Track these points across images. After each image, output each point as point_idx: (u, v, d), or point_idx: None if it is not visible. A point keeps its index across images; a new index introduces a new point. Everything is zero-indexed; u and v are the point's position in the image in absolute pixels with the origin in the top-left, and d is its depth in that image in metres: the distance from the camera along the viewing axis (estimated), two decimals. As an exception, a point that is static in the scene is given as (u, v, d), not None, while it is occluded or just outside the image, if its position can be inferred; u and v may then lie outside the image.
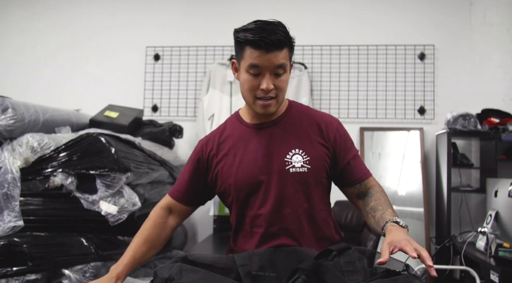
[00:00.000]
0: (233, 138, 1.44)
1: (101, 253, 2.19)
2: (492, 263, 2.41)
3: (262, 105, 1.33)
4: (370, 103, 3.66)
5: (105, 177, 2.20)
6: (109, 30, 3.95)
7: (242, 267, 1.25)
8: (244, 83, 1.33)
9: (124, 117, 3.00)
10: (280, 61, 1.29)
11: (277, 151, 1.38)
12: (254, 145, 1.40)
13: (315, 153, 1.38)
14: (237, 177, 1.38)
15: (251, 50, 1.27)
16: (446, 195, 3.20)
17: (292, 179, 1.35)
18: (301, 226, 1.37)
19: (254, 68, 1.29)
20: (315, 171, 1.37)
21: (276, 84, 1.31)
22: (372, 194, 1.40)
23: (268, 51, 1.26)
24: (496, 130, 3.16)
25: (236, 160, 1.40)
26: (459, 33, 3.63)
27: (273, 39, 1.25)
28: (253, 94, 1.33)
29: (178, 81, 3.82)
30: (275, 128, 1.42)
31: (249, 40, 1.26)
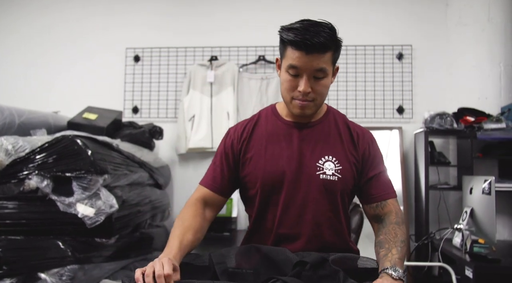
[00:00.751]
0: (266, 130, 1.41)
1: (78, 255, 2.18)
2: (467, 259, 2.46)
3: (299, 105, 1.31)
4: (349, 103, 3.69)
5: (82, 179, 2.18)
6: (89, 31, 3.93)
7: (219, 265, 1.25)
8: (283, 83, 1.32)
9: (103, 119, 2.98)
10: (320, 65, 1.25)
11: (310, 154, 1.36)
12: (287, 142, 1.38)
13: (347, 163, 1.36)
14: (265, 169, 1.35)
15: (292, 50, 1.25)
16: (424, 193, 3.25)
17: (320, 185, 1.33)
18: (321, 234, 1.35)
19: (293, 69, 1.27)
20: (344, 182, 1.35)
21: (315, 88, 1.29)
22: (386, 224, 1.33)
23: (308, 53, 1.23)
24: (472, 129, 3.22)
25: (268, 153, 1.37)
26: (436, 33, 3.69)
27: (314, 41, 1.21)
28: (290, 94, 1.31)
29: (159, 83, 3.81)
30: (311, 131, 1.39)
31: (291, 40, 1.23)
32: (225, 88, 3.65)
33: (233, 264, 1.28)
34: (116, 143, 2.65)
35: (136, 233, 2.75)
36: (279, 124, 1.41)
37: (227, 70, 3.67)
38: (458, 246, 2.72)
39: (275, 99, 3.63)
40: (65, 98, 3.78)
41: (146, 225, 2.90)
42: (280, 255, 1.26)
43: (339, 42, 1.30)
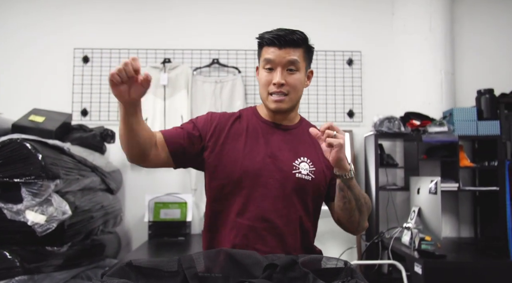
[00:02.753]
0: (247, 126, 1.46)
1: (28, 266, 2.07)
2: (416, 256, 2.58)
3: (274, 100, 1.39)
4: (302, 106, 3.77)
5: (32, 185, 2.08)
6: (35, 30, 3.73)
7: (189, 269, 1.23)
8: (261, 80, 1.42)
9: (51, 122, 2.85)
10: (292, 57, 1.37)
11: (286, 153, 1.42)
12: (266, 140, 1.43)
13: (320, 166, 1.43)
14: (243, 163, 1.38)
15: (267, 48, 1.39)
16: (374, 193, 3.38)
17: (295, 183, 1.39)
18: (295, 230, 1.40)
19: (267, 62, 1.38)
20: (317, 182, 1.42)
21: (288, 81, 1.38)
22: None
23: (281, 47, 1.36)
24: (418, 132, 3.39)
25: (246, 148, 1.41)
26: (383, 40, 3.86)
27: (287, 38, 1.36)
28: (266, 89, 1.40)
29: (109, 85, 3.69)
30: (288, 133, 1.47)
31: (266, 38, 1.38)
32: (179, 91, 3.61)
33: (202, 268, 1.27)
34: (67, 146, 2.54)
35: (88, 240, 2.65)
36: (259, 123, 1.47)
37: (181, 73, 3.63)
38: (407, 244, 2.85)
39: (229, 103, 3.63)
40: (8, 100, 3.57)
41: (98, 231, 2.80)
42: (250, 258, 1.26)
43: (310, 46, 1.44)
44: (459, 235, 3.64)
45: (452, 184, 3.34)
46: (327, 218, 3.84)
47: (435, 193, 2.72)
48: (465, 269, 2.50)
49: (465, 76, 3.86)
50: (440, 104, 3.64)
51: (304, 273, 1.15)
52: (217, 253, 1.30)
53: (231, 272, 1.24)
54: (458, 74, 3.85)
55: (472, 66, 3.88)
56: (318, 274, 1.17)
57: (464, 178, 3.66)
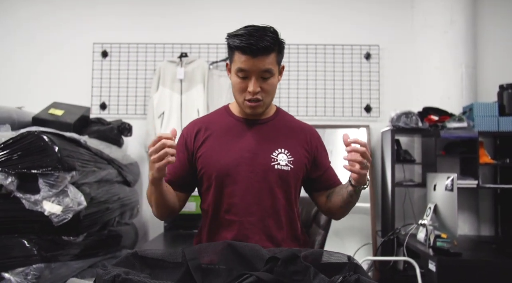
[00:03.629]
0: (220, 126, 1.49)
1: (45, 254, 2.13)
2: (431, 253, 2.55)
3: (250, 106, 1.41)
4: (318, 101, 3.75)
5: (48, 176, 2.14)
6: (55, 26, 3.82)
7: (192, 260, 1.25)
8: (234, 85, 1.42)
9: (69, 115, 2.92)
10: (266, 66, 1.36)
11: (264, 147, 1.45)
12: (241, 137, 1.46)
13: (298, 155, 1.47)
14: (220, 162, 1.42)
15: (239, 55, 1.36)
16: (390, 189, 3.34)
17: (275, 175, 1.42)
18: (280, 220, 1.44)
19: (241, 72, 1.37)
20: (296, 172, 1.46)
21: (263, 87, 1.39)
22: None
23: (254, 56, 1.34)
24: (436, 128, 3.33)
25: (222, 147, 1.44)
26: (402, 34, 3.79)
27: (260, 46, 1.33)
28: (242, 96, 1.41)
29: (127, 79, 3.76)
30: (263, 127, 1.49)
31: (237, 45, 1.35)
32: (195, 85, 3.64)
33: (206, 260, 1.28)
34: (84, 139, 2.60)
35: (105, 231, 2.71)
36: (233, 121, 1.50)
37: (197, 67, 3.65)
38: (422, 241, 2.81)
39: (245, 97, 3.64)
40: (30, 94, 3.67)
41: (115, 222, 2.86)
42: (252, 251, 1.27)
43: (282, 43, 1.42)
44: (479, 233, 3.57)
45: (471, 181, 3.27)
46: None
47: (451, 190, 2.67)
48: (481, 267, 2.45)
49: (487, 71, 3.76)
50: (460, 99, 3.56)
51: (306, 267, 1.16)
52: (220, 245, 1.31)
53: (234, 264, 1.25)
54: (479, 68, 3.75)
55: (494, 60, 3.78)
56: (321, 268, 1.17)
57: (484, 175, 3.58)
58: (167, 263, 1.24)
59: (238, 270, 1.21)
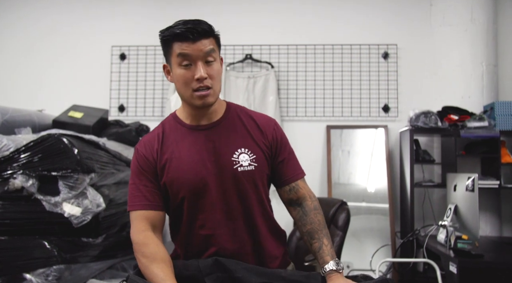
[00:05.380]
0: (174, 140, 1.40)
1: (65, 255, 2.15)
2: (451, 255, 2.50)
3: (200, 96, 1.32)
4: (336, 101, 3.72)
5: (68, 178, 2.16)
6: (74, 29, 3.89)
7: (209, 275, 1.25)
8: (179, 79, 1.32)
9: (88, 118, 2.95)
10: (208, 48, 1.30)
11: (223, 151, 1.38)
12: (199, 146, 1.38)
13: (259, 151, 1.40)
14: (185, 178, 1.34)
15: (178, 44, 1.29)
16: (409, 190, 3.30)
17: (240, 177, 1.36)
18: (255, 221, 1.40)
19: (184, 57, 1.29)
20: (261, 169, 1.40)
21: (209, 73, 1.31)
22: (306, 212, 1.41)
23: (195, 40, 1.28)
24: (456, 127, 3.27)
25: (182, 162, 1.36)
26: (420, 33, 3.74)
27: (198, 29, 1.28)
28: (189, 87, 1.32)
29: (145, 81, 3.79)
30: (217, 129, 1.41)
31: (176, 33, 1.28)
32: (212, 87, 3.64)
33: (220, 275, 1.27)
34: (103, 141, 2.62)
35: (123, 232, 2.72)
36: (185, 131, 1.41)
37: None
38: (443, 242, 2.76)
39: (262, 98, 3.64)
40: (50, 97, 3.74)
41: (133, 224, 2.88)
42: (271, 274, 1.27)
43: (217, 33, 1.37)
44: (501, 235, 3.49)
45: (493, 181, 3.20)
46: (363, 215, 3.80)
47: (472, 190, 2.62)
48: (504, 270, 2.40)
49: (509, 69, 3.68)
50: (481, 98, 3.50)
51: None
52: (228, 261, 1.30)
53: None
54: (501, 66, 3.68)
55: (516, 58, 3.70)
56: None
57: (506, 175, 3.50)
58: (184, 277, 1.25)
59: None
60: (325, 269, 1.28)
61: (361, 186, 3.67)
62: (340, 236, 2.59)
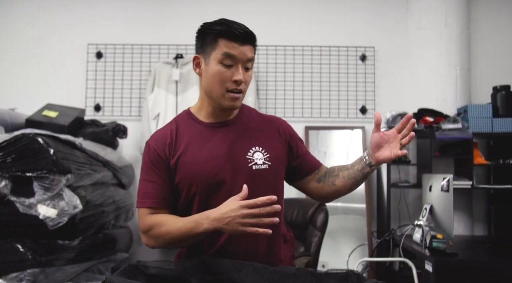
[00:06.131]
0: (188, 136, 1.39)
1: (39, 258, 2.10)
2: (427, 254, 2.55)
3: (232, 97, 1.33)
4: (314, 102, 3.75)
5: (43, 179, 2.11)
6: (49, 26, 3.79)
7: (195, 275, 1.23)
8: (215, 75, 1.31)
9: (64, 117, 2.89)
10: (251, 55, 1.34)
11: (238, 149, 1.38)
12: (213, 143, 1.38)
13: (273, 150, 1.42)
14: (199, 174, 1.34)
15: (226, 41, 1.29)
16: (386, 190, 3.36)
17: (255, 176, 1.37)
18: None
19: (229, 58, 1.29)
20: (275, 167, 1.41)
21: (245, 78, 1.34)
22: (331, 168, 1.53)
23: (243, 43, 1.30)
24: (431, 129, 3.34)
25: (196, 158, 1.36)
26: (397, 36, 3.81)
27: (249, 31, 1.31)
28: (224, 86, 1.32)
29: (122, 80, 3.73)
30: (233, 127, 1.42)
31: (225, 31, 1.29)
32: (191, 86, 3.62)
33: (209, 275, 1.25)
34: (79, 141, 2.58)
35: (100, 234, 2.69)
36: (200, 128, 1.41)
37: (193, 69, 3.62)
38: (418, 241, 2.81)
39: (241, 99, 3.63)
40: (23, 95, 3.63)
41: (110, 225, 2.84)
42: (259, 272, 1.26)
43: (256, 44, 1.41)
44: (473, 233, 3.59)
45: (466, 181, 3.29)
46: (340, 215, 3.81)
47: (447, 191, 2.68)
48: (477, 267, 2.46)
49: (481, 72, 3.79)
50: (455, 101, 3.58)
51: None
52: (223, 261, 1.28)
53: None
54: (473, 70, 3.78)
55: (488, 63, 3.81)
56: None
57: (478, 176, 3.60)
58: (168, 278, 1.22)
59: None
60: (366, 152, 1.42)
61: (338, 186, 3.69)
62: (319, 236, 2.62)
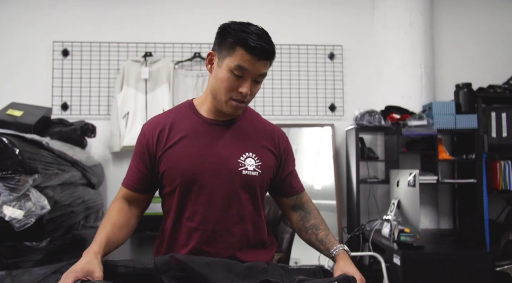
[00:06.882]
0: (185, 127, 1.39)
1: (5, 261, 2.05)
2: (395, 248, 2.63)
3: (235, 106, 1.33)
4: (284, 100, 3.79)
5: (9, 180, 2.05)
6: (12, 22, 3.67)
7: (166, 273, 1.22)
8: (223, 81, 1.30)
9: (29, 116, 2.82)
10: (265, 70, 1.32)
11: (231, 150, 1.38)
12: (207, 139, 1.37)
13: (265, 159, 1.41)
14: (184, 166, 1.34)
15: (243, 52, 1.27)
16: (355, 186, 3.42)
17: (242, 180, 1.36)
18: (246, 228, 1.38)
19: (240, 70, 1.28)
20: (264, 176, 1.40)
21: (252, 91, 1.33)
22: (309, 210, 1.47)
23: (259, 59, 1.28)
24: (398, 126, 3.44)
25: (187, 151, 1.35)
26: (364, 35, 3.89)
27: (268, 48, 1.28)
28: (229, 94, 1.31)
29: (90, 78, 3.66)
30: (231, 128, 1.41)
31: (245, 43, 1.26)
32: (160, 85, 3.59)
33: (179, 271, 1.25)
34: (46, 141, 2.51)
35: (69, 235, 2.63)
36: (199, 122, 1.41)
37: (162, 67, 3.61)
38: (387, 235, 2.89)
39: (211, 97, 3.62)
40: (-15, 94, 3.51)
41: (80, 226, 2.78)
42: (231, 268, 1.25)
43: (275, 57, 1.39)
44: (439, 227, 3.71)
45: (431, 176, 3.40)
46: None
47: (413, 186, 2.76)
48: (442, 260, 2.55)
49: (444, 71, 3.92)
50: (420, 98, 3.69)
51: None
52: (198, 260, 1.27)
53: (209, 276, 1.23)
54: (437, 68, 3.91)
55: (451, 61, 3.95)
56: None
57: (443, 171, 3.73)
58: (138, 276, 1.21)
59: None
60: (336, 248, 1.32)
61: (308, 183, 3.75)
62: (290, 233, 2.65)
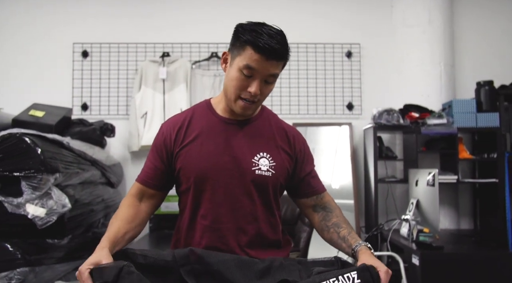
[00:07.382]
0: (201, 126, 1.41)
1: (29, 257, 2.10)
2: (414, 248, 2.60)
3: (243, 106, 1.34)
4: (301, 99, 3.78)
5: (31, 179, 2.10)
6: (34, 25, 3.75)
7: (184, 266, 1.24)
8: (233, 80, 1.32)
9: (51, 117, 2.87)
10: (275, 71, 1.31)
11: (245, 150, 1.38)
12: (223, 138, 1.39)
13: (280, 160, 1.41)
14: (199, 165, 1.36)
15: (252, 51, 1.27)
16: (373, 186, 3.40)
17: (256, 180, 1.37)
18: (259, 227, 1.39)
19: (249, 70, 1.28)
20: (277, 177, 1.40)
21: (262, 91, 1.33)
22: (331, 210, 1.46)
23: (268, 59, 1.27)
24: (417, 124, 3.39)
25: (202, 149, 1.37)
26: (382, 33, 3.85)
27: (277, 48, 1.27)
28: (238, 93, 1.32)
29: (109, 79, 3.72)
30: (246, 128, 1.42)
31: (254, 42, 1.26)
32: (178, 85, 3.62)
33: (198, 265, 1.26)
34: (67, 140, 2.56)
35: (89, 233, 2.68)
36: (215, 120, 1.42)
37: (180, 67, 3.64)
38: (405, 235, 2.86)
39: (228, 96, 3.64)
40: (8, 95, 3.59)
41: (99, 224, 2.83)
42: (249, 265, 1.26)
43: (289, 53, 1.36)
44: (459, 227, 3.65)
45: (451, 176, 3.34)
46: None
47: (432, 185, 2.73)
48: (462, 260, 2.52)
49: (465, 68, 3.86)
50: (439, 97, 3.64)
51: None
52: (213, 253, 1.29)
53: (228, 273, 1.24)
54: (457, 66, 3.84)
55: (471, 58, 3.88)
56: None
57: (463, 170, 3.67)
58: (156, 268, 1.23)
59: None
60: (358, 244, 1.27)
61: (326, 182, 3.70)
62: (308, 232, 2.65)
